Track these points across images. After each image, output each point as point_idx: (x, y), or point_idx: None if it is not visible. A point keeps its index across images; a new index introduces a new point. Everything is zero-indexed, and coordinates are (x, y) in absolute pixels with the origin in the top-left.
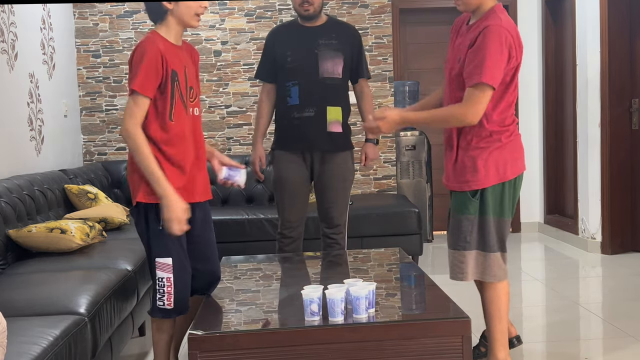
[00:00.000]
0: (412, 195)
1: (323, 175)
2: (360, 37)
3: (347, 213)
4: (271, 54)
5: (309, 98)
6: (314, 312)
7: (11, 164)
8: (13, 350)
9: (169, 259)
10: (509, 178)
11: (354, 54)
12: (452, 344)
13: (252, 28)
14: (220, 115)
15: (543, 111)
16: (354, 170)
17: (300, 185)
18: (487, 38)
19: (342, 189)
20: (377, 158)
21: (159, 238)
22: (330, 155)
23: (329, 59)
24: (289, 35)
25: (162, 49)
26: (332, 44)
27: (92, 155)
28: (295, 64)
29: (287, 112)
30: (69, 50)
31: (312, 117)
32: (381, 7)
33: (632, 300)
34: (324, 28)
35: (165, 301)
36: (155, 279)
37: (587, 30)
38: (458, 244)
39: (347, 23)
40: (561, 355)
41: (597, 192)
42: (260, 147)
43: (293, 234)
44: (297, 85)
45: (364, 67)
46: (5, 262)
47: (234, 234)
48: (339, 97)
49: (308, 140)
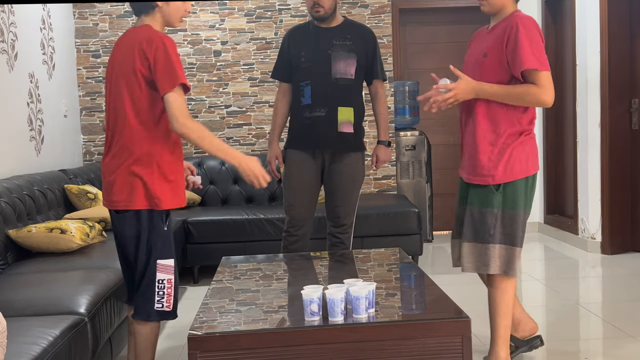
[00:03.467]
0: (412, 195)
1: (332, 174)
2: (375, 39)
3: (355, 214)
4: (286, 54)
5: (320, 98)
6: (314, 312)
7: (11, 164)
8: (13, 350)
9: (171, 260)
10: (531, 173)
11: (369, 55)
12: (452, 344)
13: (252, 28)
14: (220, 115)
15: (543, 111)
16: (364, 172)
17: (309, 184)
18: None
19: (350, 190)
20: (389, 160)
21: (164, 239)
22: (341, 155)
23: (342, 59)
24: (304, 35)
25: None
26: (346, 44)
27: (92, 155)
28: (309, 64)
29: (300, 111)
30: (69, 50)
31: (323, 117)
32: (381, 7)
33: (632, 300)
34: (339, 29)
35: (164, 303)
36: (154, 281)
37: (587, 30)
38: (482, 236)
39: (364, 25)
40: (561, 355)
41: (597, 192)
42: (276, 146)
43: (299, 233)
44: (309, 85)
45: (378, 68)
46: (5, 262)
47: (234, 234)
48: (351, 98)
49: (319, 139)
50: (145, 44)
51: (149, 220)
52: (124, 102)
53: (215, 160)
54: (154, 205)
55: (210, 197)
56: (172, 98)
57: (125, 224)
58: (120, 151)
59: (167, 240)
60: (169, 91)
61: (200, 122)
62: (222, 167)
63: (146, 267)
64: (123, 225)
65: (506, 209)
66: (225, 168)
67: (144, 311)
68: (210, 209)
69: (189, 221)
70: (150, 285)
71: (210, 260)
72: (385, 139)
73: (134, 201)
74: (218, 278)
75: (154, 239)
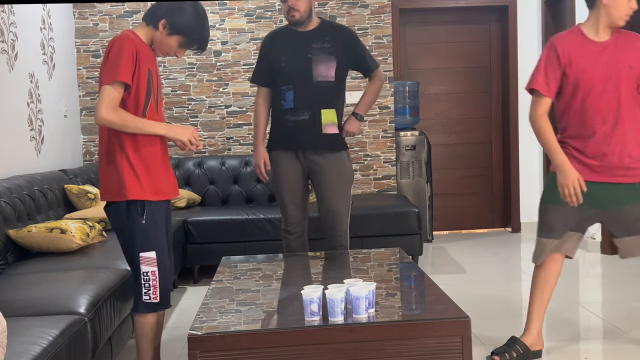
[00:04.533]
0: (412, 195)
1: (321, 175)
2: (354, 35)
3: (349, 214)
4: (267, 59)
5: (303, 102)
6: (314, 312)
7: (11, 164)
8: (13, 350)
9: (153, 252)
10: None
11: (353, 53)
12: (452, 344)
13: (252, 28)
14: (220, 115)
15: None
16: (352, 170)
17: (297, 183)
18: None
19: (340, 188)
20: (356, 132)
21: (142, 232)
22: (327, 156)
23: (322, 62)
24: (283, 40)
25: (138, 46)
26: (325, 47)
27: (92, 155)
28: (290, 68)
29: (282, 115)
30: (69, 50)
31: (306, 120)
32: (381, 7)
33: (632, 300)
34: (317, 32)
35: (151, 295)
36: (139, 274)
37: None
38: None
39: (340, 24)
40: (561, 355)
41: None
42: (262, 149)
43: (297, 230)
44: (291, 89)
45: (368, 61)
46: (5, 262)
47: (234, 234)
48: (333, 100)
49: (303, 142)
50: (110, 43)
51: (126, 213)
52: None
53: (216, 160)
54: (123, 197)
55: (210, 197)
56: (105, 91)
57: (110, 218)
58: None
59: (146, 233)
60: (105, 84)
61: (200, 122)
62: (222, 167)
63: (132, 260)
64: (109, 219)
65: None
66: (225, 168)
67: (134, 304)
68: (210, 209)
69: (189, 221)
70: (136, 279)
71: (210, 260)
72: (359, 112)
73: (109, 194)
74: (218, 278)
75: (133, 233)
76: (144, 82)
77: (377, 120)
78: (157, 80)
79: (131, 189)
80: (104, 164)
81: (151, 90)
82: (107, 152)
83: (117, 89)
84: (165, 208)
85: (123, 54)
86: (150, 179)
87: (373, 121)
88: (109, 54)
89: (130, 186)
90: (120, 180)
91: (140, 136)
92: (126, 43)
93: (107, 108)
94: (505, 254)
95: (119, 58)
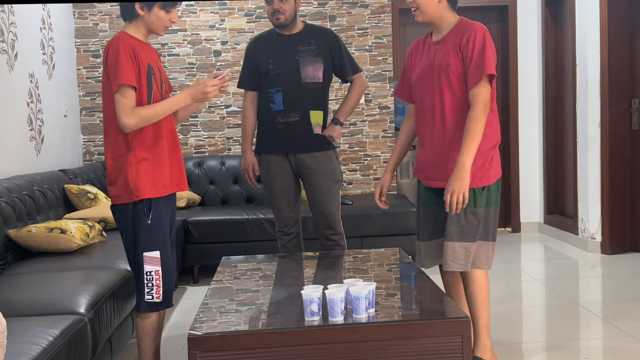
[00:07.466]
0: (412, 195)
1: (311, 176)
2: (337, 38)
3: (340, 212)
4: (253, 63)
5: (294, 103)
6: (313, 312)
7: (11, 164)
8: (13, 350)
9: (157, 252)
10: (501, 174)
11: (335, 57)
12: (452, 344)
13: (252, 28)
14: (220, 115)
15: (543, 111)
16: (341, 169)
17: (289, 184)
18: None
19: (329, 188)
20: (336, 138)
21: (147, 232)
22: (315, 156)
23: (310, 64)
24: (268, 44)
25: (133, 44)
26: (312, 49)
27: (92, 155)
28: (278, 70)
29: (272, 117)
30: (69, 50)
31: (297, 121)
32: (381, 7)
33: (632, 300)
34: (302, 35)
35: (154, 294)
36: (142, 273)
37: (587, 30)
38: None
39: (324, 27)
40: (561, 355)
41: (597, 192)
42: (251, 154)
43: (292, 230)
44: (280, 91)
45: (347, 65)
46: (5, 262)
47: (234, 234)
48: (320, 101)
49: (294, 143)
50: (105, 49)
51: (132, 212)
52: (103, 102)
53: (215, 160)
54: (131, 199)
55: (210, 197)
56: (117, 99)
57: (115, 217)
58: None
59: (150, 233)
60: (115, 92)
61: (200, 122)
62: (222, 167)
63: (134, 259)
64: (115, 217)
65: (488, 207)
66: (225, 168)
67: (137, 303)
68: (210, 209)
69: (189, 221)
70: (139, 278)
71: (210, 260)
72: (339, 118)
73: (119, 197)
74: (218, 278)
75: (138, 232)
76: (143, 77)
77: (377, 120)
78: (161, 72)
79: (138, 189)
80: (113, 168)
81: (152, 84)
82: (114, 155)
83: (126, 92)
84: (171, 203)
85: (120, 57)
86: (156, 176)
87: (373, 121)
88: (107, 61)
89: (137, 187)
90: (127, 182)
91: (145, 135)
92: (120, 44)
93: (125, 115)
94: (505, 254)
95: (117, 62)
